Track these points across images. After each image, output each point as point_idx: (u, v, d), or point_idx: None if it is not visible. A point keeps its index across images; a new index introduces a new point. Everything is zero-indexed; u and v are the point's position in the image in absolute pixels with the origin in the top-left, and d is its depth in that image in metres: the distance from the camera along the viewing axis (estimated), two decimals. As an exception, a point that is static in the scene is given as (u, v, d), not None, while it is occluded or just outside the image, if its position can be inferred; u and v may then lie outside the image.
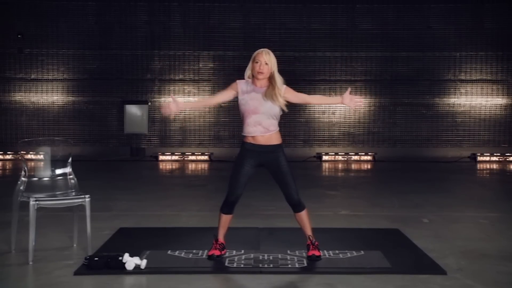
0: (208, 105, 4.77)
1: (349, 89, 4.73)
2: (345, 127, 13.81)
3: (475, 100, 13.75)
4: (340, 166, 12.35)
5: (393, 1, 13.56)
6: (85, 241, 4.79)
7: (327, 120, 13.80)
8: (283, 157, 4.56)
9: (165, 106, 4.59)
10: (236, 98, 4.57)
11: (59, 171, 5.00)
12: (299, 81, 12.94)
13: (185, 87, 13.73)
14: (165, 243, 5.06)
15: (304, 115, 13.63)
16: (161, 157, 13.09)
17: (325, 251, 4.77)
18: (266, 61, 4.47)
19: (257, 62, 4.48)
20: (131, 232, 5.57)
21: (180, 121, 13.63)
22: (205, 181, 10.05)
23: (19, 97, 13.65)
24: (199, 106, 4.96)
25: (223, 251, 4.65)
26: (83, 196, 4.75)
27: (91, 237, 4.80)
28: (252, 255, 4.69)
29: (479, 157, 13.14)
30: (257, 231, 5.58)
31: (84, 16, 13.54)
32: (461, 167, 11.96)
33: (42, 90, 13.63)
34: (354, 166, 12.35)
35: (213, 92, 13.61)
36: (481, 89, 13.74)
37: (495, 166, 12.46)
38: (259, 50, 4.53)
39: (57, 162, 5.02)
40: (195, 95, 13.71)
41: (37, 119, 13.63)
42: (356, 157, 13.30)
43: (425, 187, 8.86)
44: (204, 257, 4.63)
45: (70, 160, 5.06)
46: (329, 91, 13.51)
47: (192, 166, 12.21)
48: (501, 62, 13.67)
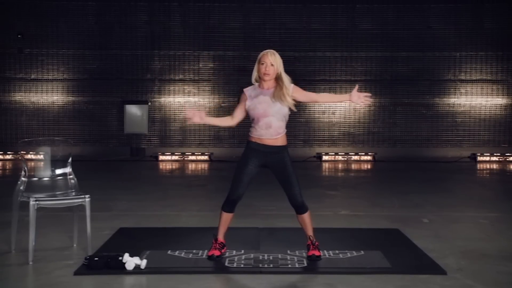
0: (230, 126, 4.72)
1: (357, 86, 4.73)
2: (345, 127, 13.80)
3: (475, 100, 13.75)
4: (340, 166, 12.34)
5: (393, 1, 13.55)
6: (85, 241, 4.80)
7: (327, 120, 13.80)
8: (288, 159, 4.55)
9: (190, 113, 4.48)
10: None
11: (59, 171, 5.00)
12: (299, 81, 12.72)
13: (185, 87, 13.73)
14: (165, 243, 5.06)
15: (304, 115, 13.61)
16: (161, 157, 13.08)
17: (325, 251, 4.77)
18: (271, 62, 4.46)
19: (263, 63, 4.47)
20: (131, 232, 5.57)
21: (180, 121, 13.63)
22: (205, 181, 10.05)
23: (19, 97, 13.64)
24: (221, 125, 4.91)
25: (223, 250, 4.65)
26: (83, 196, 4.75)
27: (91, 237, 4.80)
28: (252, 255, 4.69)
29: (479, 157, 13.13)
30: (257, 231, 5.58)
31: (84, 16, 13.54)
32: (461, 167, 11.96)
33: (42, 90, 13.63)
34: (354, 166, 12.34)
35: (213, 92, 13.63)
36: (481, 89, 13.74)
37: (495, 166, 12.45)
38: (264, 51, 4.50)
39: (57, 162, 5.02)
40: (195, 95, 13.71)
41: (37, 119, 13.62)
42: (356, 157, 13.29)
43: (425, 187, 8.86)
44: (204, 257, 4.63)
45: (70, 160, 5.06)
46: (329, 91, 13.48)
47: (192, 166, 12.21)
48: (501, 62, 13.66)
